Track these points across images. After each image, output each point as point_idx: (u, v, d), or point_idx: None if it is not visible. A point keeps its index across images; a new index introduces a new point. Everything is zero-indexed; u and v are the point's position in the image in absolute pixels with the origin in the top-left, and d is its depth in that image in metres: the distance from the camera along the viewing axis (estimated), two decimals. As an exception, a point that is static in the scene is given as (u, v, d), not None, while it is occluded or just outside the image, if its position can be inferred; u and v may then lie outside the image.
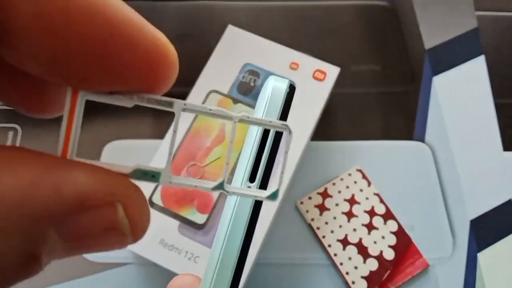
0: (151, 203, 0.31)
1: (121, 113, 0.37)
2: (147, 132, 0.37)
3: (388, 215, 0.34)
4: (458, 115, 0.39)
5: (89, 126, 0.36)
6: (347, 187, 0.35)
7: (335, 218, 0.34)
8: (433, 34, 0.41)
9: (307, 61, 0.34)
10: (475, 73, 0.40)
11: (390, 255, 0.33)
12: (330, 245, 0.33)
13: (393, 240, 0.34)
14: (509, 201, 0.36)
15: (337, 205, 0.35)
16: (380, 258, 0.33)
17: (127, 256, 0.33)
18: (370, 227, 0.34)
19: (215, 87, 0.34)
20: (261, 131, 0.14)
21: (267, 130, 0.14)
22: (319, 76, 0.34)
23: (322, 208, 0.34)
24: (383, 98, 0.39)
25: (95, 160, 0.11)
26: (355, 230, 0.34)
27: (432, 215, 0.35)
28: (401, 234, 0.34)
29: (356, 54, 0.41)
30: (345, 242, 0.33)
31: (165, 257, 0.29)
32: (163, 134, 0.33)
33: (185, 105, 0.12)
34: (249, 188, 0.14)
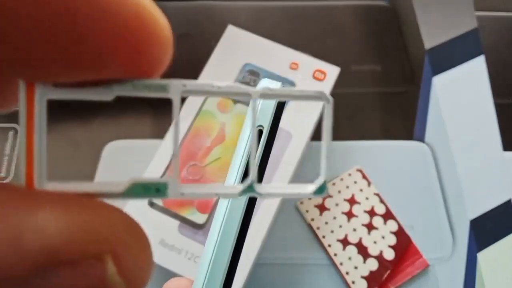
0: (150, 203, 0.31)
1: (121, 113, 0.37)
2: (147, 132, 0.37)
3: (388, 215, 0.34)
4: (458, 115, 0.39)
5: (89, 126, 0.36)
6: (347, 187, 0.35)
7: (335, 218, 0.34)
8: (433, 34, 0.41)
9: (307, 61, 0.34)
10: (475, 73, 0.40)
11: (390, 255, 0.33)
12: (330, 245, 0.33)
13: (393, 240, 0.34)
14: (509, 201, 0.36)
15: (337, 205, 0.35)
16: (380, 258, 0.33)
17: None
18: (370, 227, 0.34)
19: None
20: (255, 131, 0.13)
21: (260, 130, 0.13)
22: (319, 76, 0.34)
23: (322, 208, 0.34)
24: (383, 98, 0.39)
25: (73, 181, 0.08)
26: (355, 230, 0.34)
27: (432, 215, 0.35)
28: (401, 234, 0.34)
29: (356, 54, 0.41)
30: (345, 242, 0.33)
31: (165, 257, 0.29)
32: (163, 134, 0.33)
33: (184, 85, 0.09)
34: (287, 185, 0.11)
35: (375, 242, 0.33)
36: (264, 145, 0.13)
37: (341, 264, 0.33)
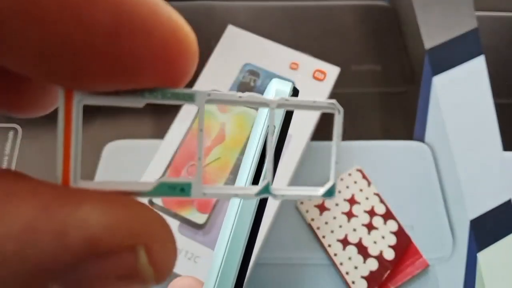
0: (150, 203, 0.31)
1: (121, 113, 0.37)
2: (147, 132, 0.37)
3: (388, 215, 0.34)
4: (458, 115, 0.39)
5: (89, 126, 0.36)
6: (347, 187, 0.35)
7: (335, 218, 0.34)
8: (433, 34, 0.41)
9: (307, 61, 0.35)
10: (475, 73, 0.40)
11: (390, 255, 0.33)
12: (330, 245, 0.33)
13: (393, 240, 0.34)
14: (509, 201, 0.36)
15: (337, 205, 0.35)
16: (380, 258, 0.33)
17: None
18: (370, 227, 0.34)
19: (215, 87, 0.34)
20: (264, 133, 0.14)
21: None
22: (319, 76, 0.34)
23: (322, 208, 0.34)
24: (383, 98, 0.39)
25: (103, 180, 0.09)
26: (355, 230, 0.34)
27: (432, 215, 0.35)
28: (401, 234, 0.34)
29: (356, 54, 0.41)
30: (345, 242, 0.33)
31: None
32: (163, 134, 0.33)
33: (209, 95, 0.10)
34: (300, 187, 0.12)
35: (375, 242, 0.33)
36: (274, 149, 0.13)
37: (341, 264, 0.33)
